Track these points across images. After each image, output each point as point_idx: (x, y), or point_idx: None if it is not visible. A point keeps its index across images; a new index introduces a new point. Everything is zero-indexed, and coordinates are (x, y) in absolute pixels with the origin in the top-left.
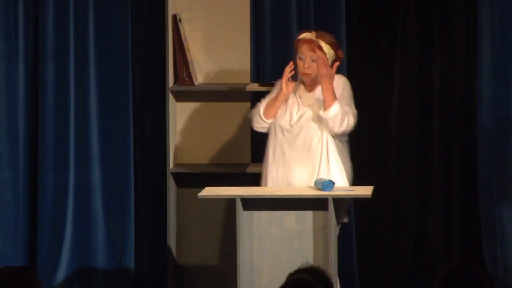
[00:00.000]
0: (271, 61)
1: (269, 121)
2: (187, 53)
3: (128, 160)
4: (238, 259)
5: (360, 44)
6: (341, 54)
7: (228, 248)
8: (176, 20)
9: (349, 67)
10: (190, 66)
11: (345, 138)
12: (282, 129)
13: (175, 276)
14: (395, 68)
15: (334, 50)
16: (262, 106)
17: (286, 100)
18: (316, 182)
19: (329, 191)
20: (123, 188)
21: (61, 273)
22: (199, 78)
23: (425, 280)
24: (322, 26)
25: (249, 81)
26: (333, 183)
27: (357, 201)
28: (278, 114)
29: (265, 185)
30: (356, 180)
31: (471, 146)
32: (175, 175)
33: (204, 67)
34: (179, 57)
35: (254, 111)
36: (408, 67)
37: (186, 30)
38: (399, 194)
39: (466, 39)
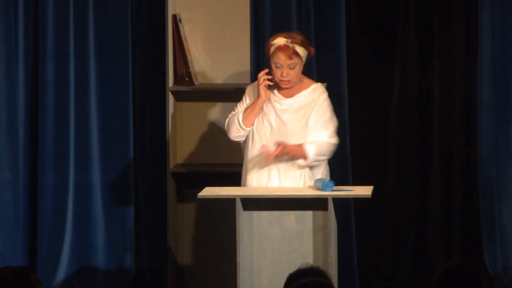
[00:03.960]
0: None
1: (248, 129)
2: (187, 53)
3: (128, 160)
4: (238, 259)
5: (360, 44)
6: (312, 50)
7: (228, 248)
8: (176, 20)
9: (349, 67)
10: (190, 66)
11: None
12: (260, 137)
13: (175, 276)
14: (395, 68)
15: (307, 49)
16: (240, 114)
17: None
18: (316, 182)
19: (329, 191)
20: (123, 188)
21: (61, 273)
22: (199, 78)
23: (425, 280)
24: (322, 27)
25: (249, 81)
26: (333, 183)
27: (357, 201)
28: (256, 122)
29: None
30: (356, 180)
31: (471, 146)
32: (175, 175)
33: (204, 67)
34: (179, 57)
35: (230, 120)
36: (408, 67)
37: (186, 30)
38: (399, 194)
39: (466, 39)
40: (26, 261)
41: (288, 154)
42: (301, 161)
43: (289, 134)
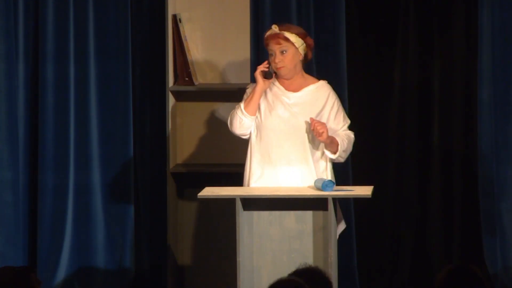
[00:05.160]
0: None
1: (251, 116)
2: (187, 53)
3: (128, 160)
4: (238, 259)
5: (360, 44)
6: (310, 41)
7: (228, 248)
8: (176, 20)
9: (349, 67)
10: (190, 66)
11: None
12: (269, 130)
13: (175, 276)
14: (395, 68)
15: (303, 39)
16: (241, 103)
17: (264, 96)
18: (316, 182)
19: (329, 191)
20: (123, 188)
21: (61, 273)
22: (199, 78)
23: (425, 280)
24: (322, 27)
25: (249, 81)
26: (333, 183)
27: (357, 201)
28: (263, 116)
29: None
30: (356, 180)
31: (471, 146)
32: (175, 175)
33: (204, 67)
34: (179, 57)
35: (232, 115)
36: (408, 67)
37: (186, 30)
38: (399, 194)
39: (466, 39)
40: (26, 261)
41: (326, 139)
42: (329, 154)
43: (300, 127)
